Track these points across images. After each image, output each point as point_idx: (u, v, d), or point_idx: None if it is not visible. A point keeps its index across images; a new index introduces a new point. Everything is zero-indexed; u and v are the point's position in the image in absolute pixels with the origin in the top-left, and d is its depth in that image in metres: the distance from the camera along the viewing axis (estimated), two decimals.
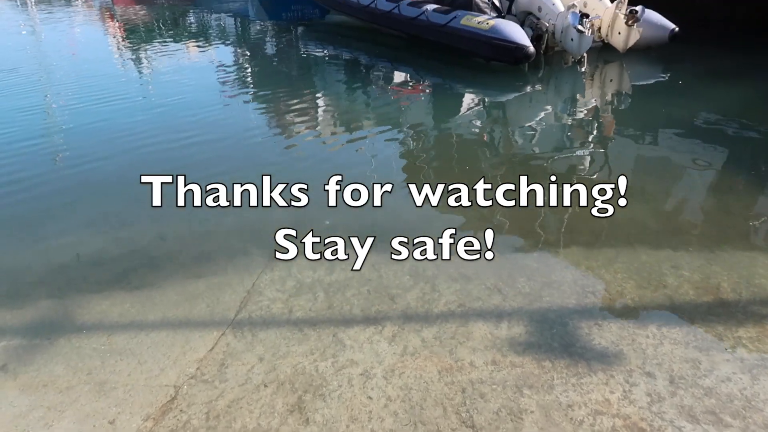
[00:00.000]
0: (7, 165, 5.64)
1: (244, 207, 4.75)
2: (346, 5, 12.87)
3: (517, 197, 4.95)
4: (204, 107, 7.75)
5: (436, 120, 7.55)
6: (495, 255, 3.98)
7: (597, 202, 4.69)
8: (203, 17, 18.01)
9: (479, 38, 9.05)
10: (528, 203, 4.82)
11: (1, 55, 10.93)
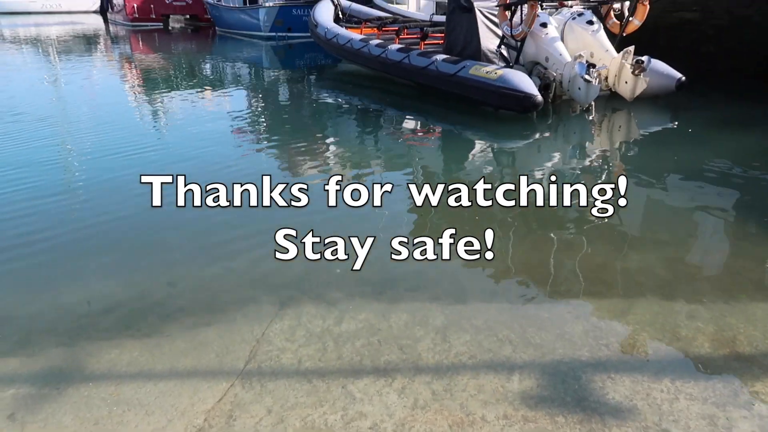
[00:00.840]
0: (21, 215, 5.71)
1: (254, 255, 4.77)
2: (357, 55, 13.20)
3: (528, 245, 4.95)
4: (218, 155, 7.88)
5: (445, 166, 7.63)
6: (505, 304, 3.95)
7: (609, 249, 4.68)
8: (218, 65, 18.51)
9: (488, 87, 9.22)
10: (539, 250, 4.82)
11: (22, 102, 11.22)
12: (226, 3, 26.35)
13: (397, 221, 5.50)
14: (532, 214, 5.72)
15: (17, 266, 4.61)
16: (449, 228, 5.42)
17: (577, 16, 10.06)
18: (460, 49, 10.71)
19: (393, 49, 11.88)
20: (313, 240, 4.77)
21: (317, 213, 5.74)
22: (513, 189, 6.68)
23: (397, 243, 4.93)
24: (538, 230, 5.28)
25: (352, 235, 5.08)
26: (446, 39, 11.43)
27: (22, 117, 9.73)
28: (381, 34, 14.16)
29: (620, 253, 4.78)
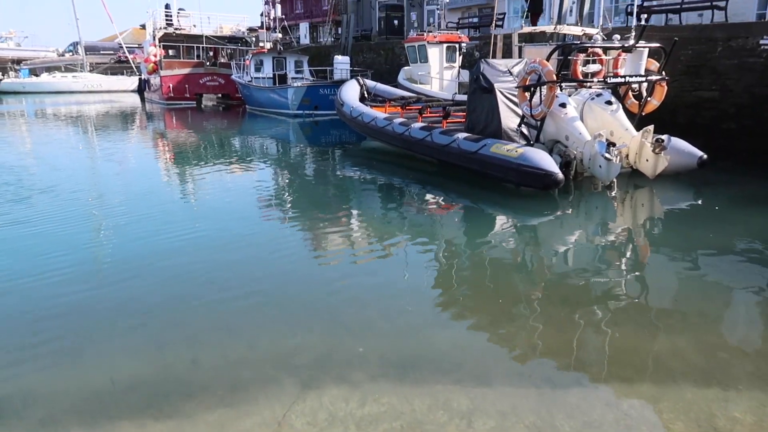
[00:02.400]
0: (51, 288, 5.84)
1: (277, 331, 4.78)
2: (381, 132, 13.59)
3: (554, 325, 4.87)
4: (245, 230, 8.03)
5: (468, 241, 7.66)
6: (531, 388, 3.86)
7: (638, 330, 4.59)
8: (248, 141, 19.15)
9: (509, 165, 9.37)
10: (565, 331, 4.74)
11: (59, 176, 11.68)
12: (256, 83, 27.58)
13: (419, 297, 5.49)
14: (556, 292, 5.67)
15: (44, 340, 4.68)
16: (473, 305, 5.39)
17: (595, 96, 10.31)
18: (481, 128, 10.98)
19: (416, 127, 12.23)
20: (335, 316, 4.77)
21: (340, 287, 5.77)
22: (536, 266, 6.65)
23: (419, 320, 4.91)
24: (562, 309, 5.22)
25: (374, 310, 5.08)
26: (468, 118, 11.75)
27: (58, 190, 10.11)
28: (405, 113, 14.61)
29: (649, 335, 4.68)
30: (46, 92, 46.16)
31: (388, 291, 5.68)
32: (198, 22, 35.54)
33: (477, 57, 19.92)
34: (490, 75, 10.93)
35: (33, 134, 21.12)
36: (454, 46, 19.75)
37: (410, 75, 20.47)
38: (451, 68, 19.75)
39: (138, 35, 56.47)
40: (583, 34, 13.42)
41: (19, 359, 4.40)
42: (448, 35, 20.03)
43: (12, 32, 58.09)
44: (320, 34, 43.59)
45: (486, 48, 19.24)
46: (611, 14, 21.56)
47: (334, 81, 24.19)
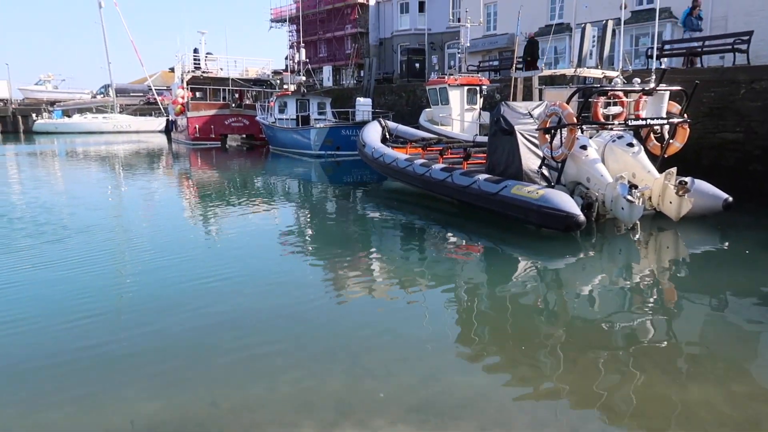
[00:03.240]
0: (73, 327, 5.91)
1: (296, 374, 4.76)
2: (402, 173, 13.71)
3: (579, 371, 4.78)
4: (266, 270, 8.09)
5: (489, 283, 7.60)
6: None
7: (665, 378, 4.47)
8: (270, 180, 19.44)
9: (530, 207, 9.36)
10: (590, 377, 4.64)
11: (84, 215, 11.94)
12: (280, 124, 28.17)
13: (440, 341, 5.43)
14: (580, 337, 5.57)
15: (67, 381, 4.72)
16: (495, 350, 5.32)
17: (617, 138, 10.31)
18: (502, 169, 11.02)
19: (437, 168, 12.33)
20: (355, 359, 4.75)
21: (360, 330, 5.74)
22: (559, 309, 6.56)
23: (441, 365, 4.85)
24: (587, 354, 5.12)
25: (394, 354, 5.04)
26: (488, 159, 11.82)
27: (84, 230, 10.32)
28: (425, 154, 14.76)
29: (677, 383, 4.56)
30: (78, 132, 47.63)
31: (409, 334, 5.64)
32: (225, 65, 36.69)
33: (498, 99, 20.13)
34: (510, 117, 11.03)
35: (62, 174, 21.71)
36: (475, 89, 20.02)
37: (431, 117, 20.73)
38: (472, 110, 19.97)
39: (167, 78, 58.37)
40: (603, 77, 13.53)
41: (41, 400, 4.43)
42: (469, 78, 20.33)
43: (50, 75, 60.60)
44: (343, 77, 44.55)
45: (506, 90, 19.46)
46: (631, 57, 21.72)
47: (356, 122, 24.60)
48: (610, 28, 14.97)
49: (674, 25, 21.34)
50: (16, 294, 6.90)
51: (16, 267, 8.04)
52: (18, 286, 7.22)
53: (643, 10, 22.54)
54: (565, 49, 26.06)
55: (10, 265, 8.11)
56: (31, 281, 7.39)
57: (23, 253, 8.73)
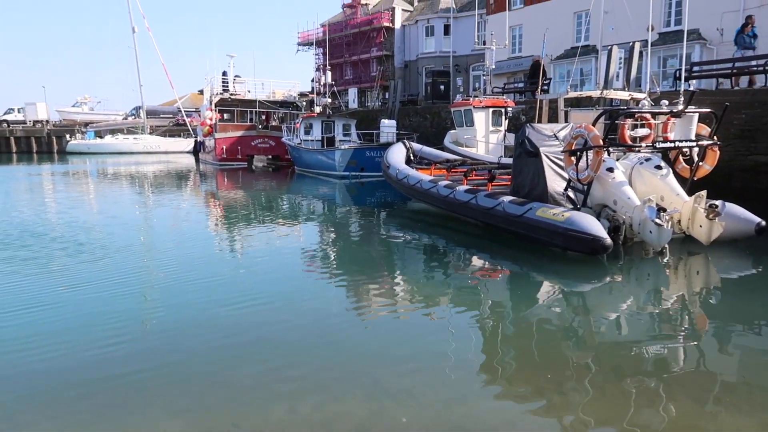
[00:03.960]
0: (98, 348, 5.98)
1: (318, 396, 4.73)
2: (426, 194, 13.71)
3: (607, 398, 4.66)
4: (289, 290, 8.12)
5: (514, 307, 7.49)
6: None
7: (697, 407, 4.33)
8: (295, 201, 19.61)
9: (555, 229, 9.25)
10: (619, 405, 4.52)
11: (111, 233, 12.16)
12: (305, 145, 28.49)
13: (463, 365, 5.36)
14: (607, 363, 5.45)
15: (90, 401, 4.76)
16: (520, 375, 5.23)
17: (644, 160, 10.18)
18: (526, 191, 10.95)
19: (461, 189, 12.30)
20: (378, 382, 4.71)
21: (382, 352, 5.70)
22: (585, 334, 6.44)
23: (464, 389, 4.78)
24: (615, 381, 5.00)
25: (417, 377, 4.99)
26: (513, 181, 11.75)
27: (112, 249, 10.50)
28: (450, 176, 14.74)
29: (710, 412, 4.41)
30: (109, 153, 48.83)
31: (432, 357, 5.58)
32: (252, 87, 37.42)
33: (523, 121, 20.09)
34: (535, 139, 10.98)
35: (93, 193, 22.21)
36: (500, 111, 20.02)
37: (456, 138, 20.75)
38: (497, 132, 19.95)
39: (195, 100, 59.66)
40: (630, 99, 13.41)
41: (68, 418, 4.48)
42: (494, 100, 20.35)
43: (87, 98, 62.58)
44: (368, 99, 45.00)
45: (531, 112, 19.42)
46: (659, 78, 21.53)
47: (381, 144, 24.74)
48: (637, 49, 14.86)
49: (703, 46, 21.13)
50: (46, 313, 7.02)
51: (47, 286, 8.20)
52: (47, 305, 7.36)
53: (670, 32, 22.39)
54: (591, 71, 25.96)
55: (39, 283, 8.29)
56: (62, 301, 7.53)
57: (54, 273, 8.91)
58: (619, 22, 22.98)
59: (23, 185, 23.69)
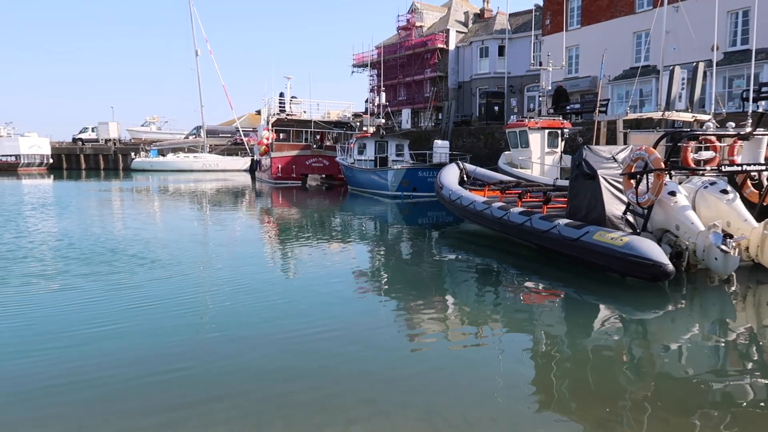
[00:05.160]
0: (151, 359, 6.18)
1: (372, 415, 4.71)
2: (480, 216, 13.59)
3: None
4: (339, 308, 8.17)
5: (569, 333, 7.29)
6: None
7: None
8: (348, 219, 19.81)
9: (613, 254, 8.98)
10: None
11: (169, 247, 12.58)
12: (359, 165, 28.87)
13: (517, 392, 5.24)
14: (670, 396, 5.21)
15: (146, 408, 4.91)
16: (575, 405, 5.07)
17: (709, 184, 9.79)
18: (583, 214, 10.69)
19: (515, 211, 12.14)
20: (430, 404, 4.65)
21: (434, 374, 5.64)
22: (645, 365, 6.19)
23: (519, 418, 4.66)
24: (678, 415, 4.77)
25: (470, 401, 4.90)
26: (569, 204, 11.51)
27: (168, 262, 10.86)
28: (504, 197, 14.58)
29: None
30: (170, 170, 50.80)
31: (485, 381, 5.49)
32: (308, 108, 38.29)
33: (580, 143, 19.73)
34: (592, 161, 10.74)
35: (155, 209, 23.09)
36: (556, 132, 19.74)
37: (511, 159, 20.57)
38: (553, 153, 19.66)
39: (253, 120, 61.53)
40: (694, 121, 12.99)
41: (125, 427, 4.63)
42: (550, 121, 20.10)
43: (155, 117, 65.80)
44: (421, 120, 45.24)
45: (589, 134, 19.06)
46: (724, 99, 20.76)
47: (433, 164, 24.78)
48: (701, 70, 14.42)
49: None
50: (106, 325, 7.30)
51: (108, 300, 8.55)
52: (108, 317, 7.66)
53: (737, 51, 21.62)
54: (651, 92, 25.32)
55: (103, 297, 8.66)
56: (118, 311, 7.82)
57: (115, 287, 9.27)
58: (682, 41, 22.40)
59: (93, 201, 24.87)
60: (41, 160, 54.10)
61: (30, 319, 7.39)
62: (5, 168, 51.83)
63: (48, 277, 9.55)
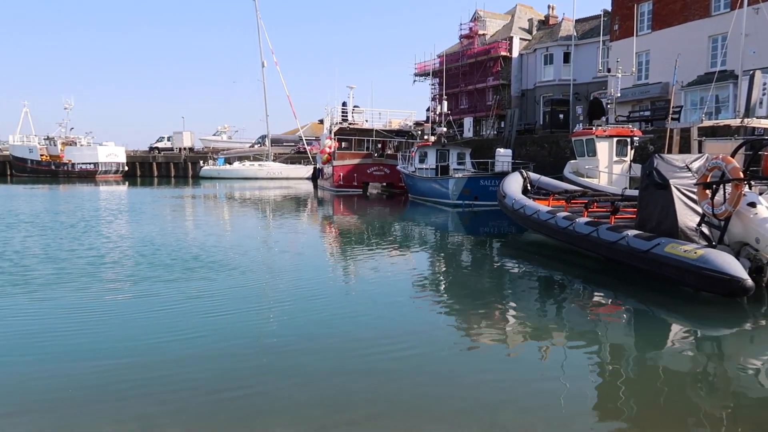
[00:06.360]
0: (219, 362, 6.36)
1: (437, 426, 4.68)
2: (544, 226, 13.31)
3: None
4: (398, 316, 8.17)
5: (638, 349, 6.99)
6: None
7: None
8: (408, 227, 19.82)
9: (686, 267, 8.57)
10: None
11: (234, 251, 12.94)
12: (420, 173, 28.88)
13: (584, 405, 5.08)
14: (748, 418, 4.91)
15: (212, 411, 5.05)
16: (649, 422, 4.86)
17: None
18: (654, 225, 10.26)
19: (581, 222, 11.81)
20: (495, 418, 4.56)
21: (496, 386, 5.54)
22: (722, 385, 5.86)
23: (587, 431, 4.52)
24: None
25: (536, 417, 4.79)
26: (639, 214, 11.09)
27: (232, 266, 11.17)
28: (569, 207, 14.22)
29: None
30: (236, 178, 52.46)
31: (549, 393, 5.34)
32: (370, 117, 38.70)
33: (650, 151, 19.01)
34: (664, 170, 10.30)
35: (221, 215, 23.89)
36: (626, 140, 19.10)
37: (576, 168, 20.05)
38: (621, 162, 19.02)
39: (316, 129, 62.74)
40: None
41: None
42: (619, 129, 19.47)
43: (226, 127, 68.36)
44: (483, 128, 44.80)
45: (660, 142, 18.33)
46: None
47: (495, 173, 24.48)
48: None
49: None
50: (170, 326, 7.58)
51: (174, 302, 8.89)
52: (181, 323, 7.96)
53: None
54: (728, 98, 24.10)
55: (169, 296, 9.01)
56: (187, 313, 8.12)
57: (181, 289, 9.63)
58: (762, 44, 21.24)
59: (167, 208, 25.98)
60: (117, 168, 57.05)
61: (109, 323, 7.68)
62: (85, 175, 54.96)
63: (124, 282, 9.97)
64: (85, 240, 14.54)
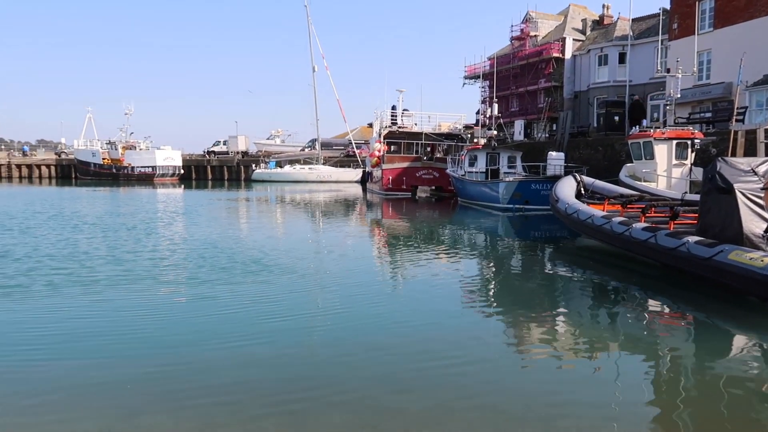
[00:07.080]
0: (276, 368, 6.46)
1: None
2: (598, 231, 12.96)
3: None
4: (445, 320, 8.10)
5: (699, 361, 6.71)
6: None
7: None
8: (457, 231, 19.67)
9: (753, 276, 8.17)
10: None
11: (283, 253, 13.14)
12: (469, 177, 28.62)
13: (642, 418, 4.91)
14: None
15: (266, 406, 5.15)
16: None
17: None
18: (716, 232, 9.84)
19: (638, 227, 11.44)
20: (549, 426, 4.46)
21: (548, 397, 5.42)
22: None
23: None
24: None
25: (590, 425, 4.66)
26: (700, 220, 10.65)
27: (283, 267, 11.33)
28: (625, 212, 13.81)
29: None
30: (287, 181, 53.34)
31: (604, 404, 5.20)
32: (419, 120, 38.63)
33: (712, 154, 18.26)
34: (728, 174, 9.85)
35: (276, 218, 24.34)
36: (686, 143, 18.40)
37: (633, 172, 19.45)
38: (681, 166, 18.33)
39: (365, 132, 63.11)
40: None
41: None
42: (679, 131, 18.78)
43: (279, 131, 69.62)
44: (535, 131, 44.02)
45: (723, 145, 17.58)
46: None
47: (547, 177, 24.02)
48: None
49: None
50: (228, 329, 7.76)
51: (223, 303, 9.09)
52: (226, 320, 8.15)
53: None
54: None
55: (228, 299, 9.23)
56: (245, 317, 8.30)
57: (236, 291, 9.84)
58: None
59: (222, 211, 26.67)
60: (174, 171, 58.91)
61: (172, 324, 7.87)
62: (143, 178, 57.03)
63: (186, 284, 10.16)
64: (147, 242, 15.03)
